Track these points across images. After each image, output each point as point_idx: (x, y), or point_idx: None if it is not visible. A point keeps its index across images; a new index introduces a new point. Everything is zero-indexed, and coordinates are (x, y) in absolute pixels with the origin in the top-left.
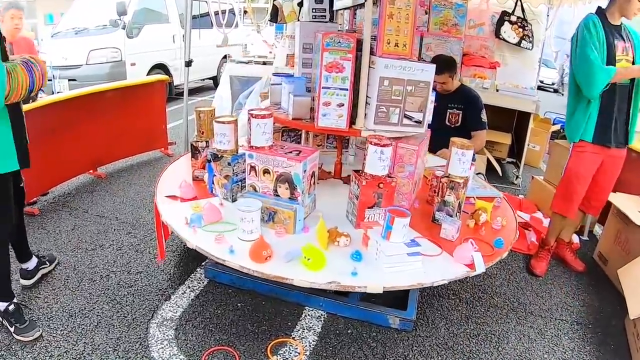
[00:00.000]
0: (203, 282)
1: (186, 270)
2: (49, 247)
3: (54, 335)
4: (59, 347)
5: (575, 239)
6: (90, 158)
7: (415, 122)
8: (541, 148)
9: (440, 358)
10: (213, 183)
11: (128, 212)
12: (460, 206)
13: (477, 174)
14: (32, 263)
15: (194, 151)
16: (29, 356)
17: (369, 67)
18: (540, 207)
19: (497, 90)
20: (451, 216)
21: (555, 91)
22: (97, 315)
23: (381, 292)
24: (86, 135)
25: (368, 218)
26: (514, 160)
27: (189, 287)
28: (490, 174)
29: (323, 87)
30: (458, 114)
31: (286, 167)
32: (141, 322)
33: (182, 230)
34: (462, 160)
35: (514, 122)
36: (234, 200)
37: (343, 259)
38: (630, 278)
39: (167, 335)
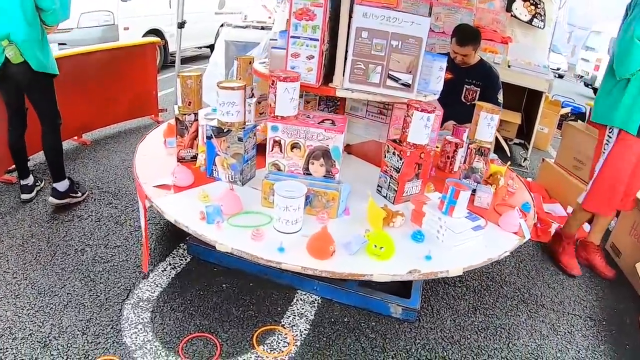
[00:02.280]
0: (186, 259)
1: (168, 245)
2: (23, 216)
3: (19, 315)
4: (24, 329)
5: (586, 227)
6: (75, 124)
7: (402, 84)
8: (550, 131)
9: (445, 353)
10: (214, 164)
11: (111, 181)
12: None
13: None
14: (30, 179)
15: (180, 126)
16: None
17: (349, 15)
18: (550, 190)
19: (509, 67)
20: (479, 183)
21: (560, 77)
22: (68, 294)
23: (461, 274)
24: (71, 100)
25: (407, 192)
26: (523, 142)
27: (170, 264)
28: (497, 154)
29: (292, 37)
30: (475, 91)
31: (322, 139)
32: (115, 302)
33: (203, 229)
34: (491, 125)
35: (524, 101)
36: (244, 184)
37: (404, 241)
38: None
39: (141, 318)
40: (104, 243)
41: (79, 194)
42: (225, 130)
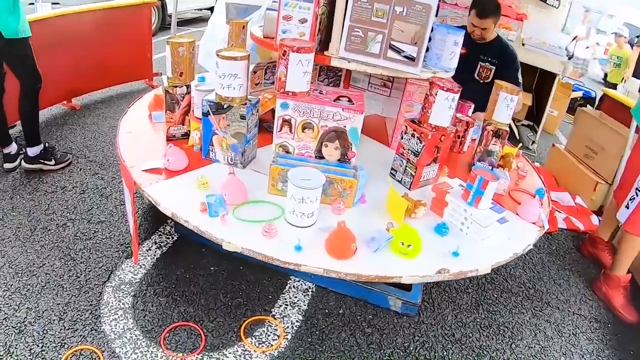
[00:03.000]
0: (172, 238)
1: (155, 222)
2: (5, 187)
3: None
4: None
5: (595, 220)
6: (65, 87)
7: (406, 57)
8: (559, 114)
9: (445, 353)
10: (211, 144)
11: (98, 149)
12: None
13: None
14: (13, 147)
15: (170, 100)
16: None
17: None
18: (558, 178)
19: (523, 45)
20: (493, 167)
21: (569, 58)
22: (47, 274)
23: (489, 272)
24: (61, 62)
25: (424, 177)
26: (532, 124)
27: (156, 243)
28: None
29: None
30: (490, 69)
31: (339, 120)
32: (95, 284)
33: (206, 225)
34: (510, 106)
35: (534, 81)
36: (245, 166)
37: (428, 234)
38: None
39: (122, 303)
40: (87, 218)
41: (52, 162)
42: (225, 107)
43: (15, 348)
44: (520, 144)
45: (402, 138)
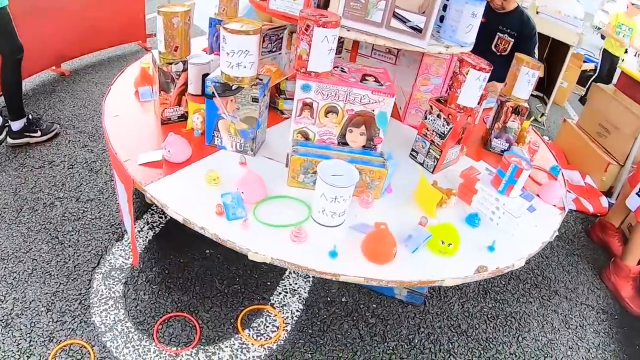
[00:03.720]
0: (166, 217)
1: (146, 199)
2: None
3: None
4: None
5: (604, 202)
6: (53, 52)
7: (412, 28)
8: (569, 86)
9: (451, 346)
10: (215, 129)
11: (88, 118)
12: None
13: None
14: None
15: (164, 79)
16: None
17: None
18: (568, 155)
19: (537, 13)
20: (511, 144)
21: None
22: (33, 260)
23: (523, 265)
24: (49, 26)
25: (446, 159)
26: (542, 95)
27: (148, 223)
28: None
29: None
30: (509, 42)
31: (368, 103)
32: (84, 270)
33: (226, 232)
34: (531, 82)
35: (546, 50)
36: (256, 153)
37: (459, 226)
38: None
39: (113, 292)
40: (76, 196)
41: (38, 134)
42: (233, 88)
43: (2, 343)
44: (532, 117)
45: (425, 118)
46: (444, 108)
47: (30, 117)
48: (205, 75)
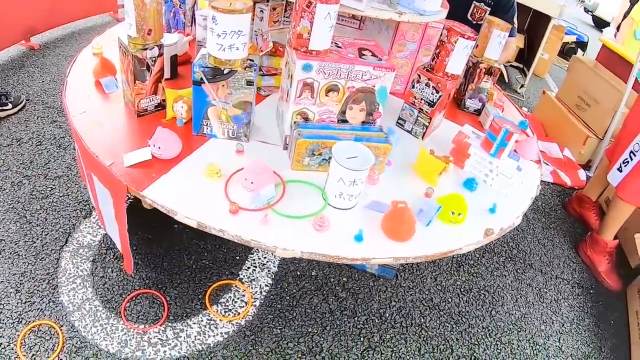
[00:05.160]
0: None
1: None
2: None
3: None
4: None
5: (582, 175)
6: (22, 25)
7: None
8: (550, 57)
9: (423, 319)
10: (205, 117)
11: (57, 93)
12: None
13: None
14: None
15: (139, 67)
16: None
17: None
18: (547, 128)
19: None
20: (484, 103)
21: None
22: (1, 240)
23: (520, 223)
24: None
25: (434, 125)
26: (521, 66)
27: None
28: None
29: None
30: (485, 10)
31: (369, 79)
32: (52, 250)
33: (246, 231)
34: (502, 43)
35: (527, 21)
36: (249, 139)
37: (458, 191)
38: None
39: (81, 270)
40: (44, 173)
41: (9, 106)
42: (225, 72)
43: None
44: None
45: (413, 87)
46: (433, 77)
47: None
48: (174, 57)
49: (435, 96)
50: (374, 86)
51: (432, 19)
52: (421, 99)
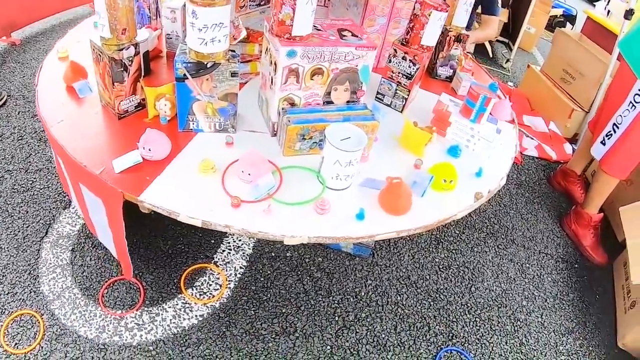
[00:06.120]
0: None
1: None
2: None
3: None
4: None
5: (569, 149)
6: (3, 21)
7: None
8: (537, 31)
9: (399, 297)
10: (190, 113)
11: None
12: None
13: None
14: None
15: (117, 68)
16: None
17: None
18: (532, 101)
19: None
20: (455, 70)
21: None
22: None
23: (505, 183)
24: None
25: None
26: (507, 41)
27: None
28: (478, 53)
29: None
30: None
31: (352, 59)
32: (33, 241)
33: (252, 224)
34: (468, 10)
35: None
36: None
37: (443, 159)
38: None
39: (61, 260)
40: (25, 167)
41: None
42: (208, 65)
43: None
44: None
45: (390, 62)
46: (409, 50)
47: None
48: (146, 54)
49: (413, 69)
50: (356, 66)
51: None
52: (399, 73)
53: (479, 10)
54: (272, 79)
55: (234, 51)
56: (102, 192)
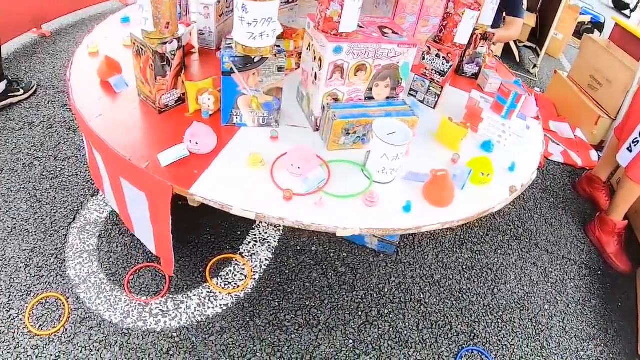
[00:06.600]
0: None
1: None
2: None
3: None
4: None
5: (594, 156)
6: (33, 14)
7: None
8: (564, 38)
9: (422, 296)
10: (235, 107)
11: None
12: None
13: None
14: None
15: (160, 62)
16: None
17: None
18: (559, 107)
19: None
20: (480, 67)
21: None
22: (13, 218)
23: (535, 177)
24: None
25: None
26: (534, 46)
27: None
28: (505, 57)
29: None
30: None
31: (394, 56)
32: (60, 226)
33: (304, 217)
34: (494, 9)
35: (540, 1)
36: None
37: (477, 154)
38: None
39: (88, 245)
40: (54, 154)
41: (20, 92)
42: (256, 60)
43: None
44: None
45: (423, 59)
46: (442, 47)
47: (9, 78)
48: (182, 49)
49: (446, 66)
50: (398, 62)
51: None
52: (432, 70)
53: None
54: (315, 75)
55: (279, 46)
56: (147, 186)
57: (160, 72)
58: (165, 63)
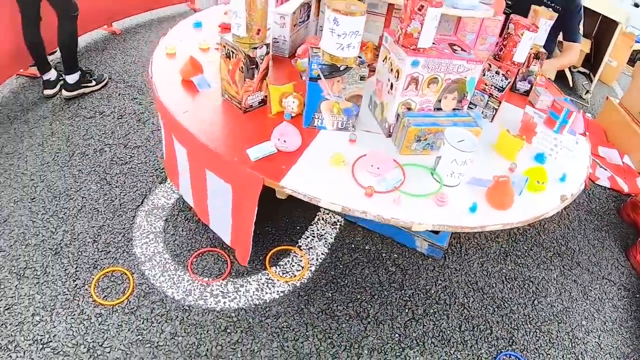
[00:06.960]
0: None
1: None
2: (45, 113)
3: (34, 220)
4: (37, 235)
5: None
6: (105, 11)
7: None
8: (618, 65)
9: (466, 300)
10: (317, 111)
11: (137, 74)
12: None
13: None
14: (52, 74)
15: (250, 65)
16: (5, 245)
17: None
18: (608, 133)
19: None
20: (532, 85)
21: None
22: (83, 198)
23: (583, 188)
24: None
25: None
26: (588, 72)
27: None
28: (559, 82)
29: None
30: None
31: (462, 71)
32: (129, 208)
33: (385, 212)
34: (547, 30)
35: (595, 27)
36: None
37: (531, 164)
38: None
39: (154, 227)
40: (124, 142)
41: (92, 83)
42: (341, 69)
43: (52, 269)
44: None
45: (484, 75)
46: (502, 65)
47: (83, 69)
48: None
49: (505, 82)
50: (465, 77)
51: (466, 14)
52: (492, 85)
53: (560, 38)
54: (392, 85)
55: (360, 57)
56: (235, 179)
57: (248, 75)
58: (254, 66)
